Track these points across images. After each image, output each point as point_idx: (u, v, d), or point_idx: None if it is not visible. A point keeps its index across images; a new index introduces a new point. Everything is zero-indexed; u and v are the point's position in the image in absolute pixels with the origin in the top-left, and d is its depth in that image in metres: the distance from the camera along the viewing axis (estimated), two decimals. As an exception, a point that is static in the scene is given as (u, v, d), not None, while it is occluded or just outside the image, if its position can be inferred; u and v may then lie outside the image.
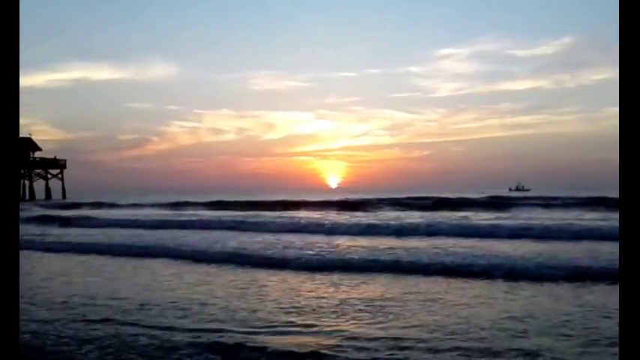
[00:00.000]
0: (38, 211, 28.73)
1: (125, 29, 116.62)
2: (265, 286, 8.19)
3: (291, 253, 11.46)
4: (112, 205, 38.11)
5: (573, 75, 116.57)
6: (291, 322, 5.89)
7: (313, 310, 6.48)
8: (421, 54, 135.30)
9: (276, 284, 8.33)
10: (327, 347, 4.84)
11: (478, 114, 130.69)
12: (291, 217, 21.91)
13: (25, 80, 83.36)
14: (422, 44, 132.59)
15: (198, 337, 5.22)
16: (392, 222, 18.42)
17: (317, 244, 12.79)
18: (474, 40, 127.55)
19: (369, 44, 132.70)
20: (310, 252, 11.52)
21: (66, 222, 22.67)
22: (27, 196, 56.97)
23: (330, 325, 5.69)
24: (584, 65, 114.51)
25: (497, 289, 7.67)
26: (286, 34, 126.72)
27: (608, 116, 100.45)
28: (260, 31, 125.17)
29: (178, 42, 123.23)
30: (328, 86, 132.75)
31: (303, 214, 24.83)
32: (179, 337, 5.19)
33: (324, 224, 18.34)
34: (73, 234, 17.67)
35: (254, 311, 6.41)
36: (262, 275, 9.21)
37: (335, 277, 8.88)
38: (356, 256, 10.74)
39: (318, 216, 23.69)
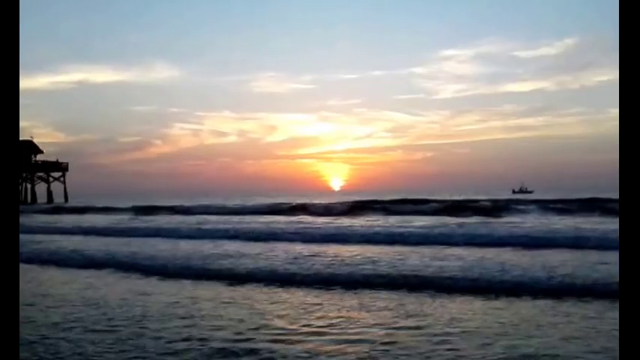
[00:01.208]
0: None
1: (127, 31, 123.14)
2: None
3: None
4: (80, 210, 37.80)
5: (576, 76, 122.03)
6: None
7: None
8: (424, 55, 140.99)
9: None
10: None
11: (481, 116, 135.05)
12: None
13: (27, 82, 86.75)
14: (424, 46, 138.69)
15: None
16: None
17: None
18: (476, 41, 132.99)
19: (371, 46, 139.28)
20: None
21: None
22: (29, 200, 59.24)
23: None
24: (587, 67, 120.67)
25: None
26: (288, 37, 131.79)
27: (611, 118, 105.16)
28: (262, 34, 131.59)
29: (180, 44, 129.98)
30: (331, 88, 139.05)
31: (273, 219, 25.26)
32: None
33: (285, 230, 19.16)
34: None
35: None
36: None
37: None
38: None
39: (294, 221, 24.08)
